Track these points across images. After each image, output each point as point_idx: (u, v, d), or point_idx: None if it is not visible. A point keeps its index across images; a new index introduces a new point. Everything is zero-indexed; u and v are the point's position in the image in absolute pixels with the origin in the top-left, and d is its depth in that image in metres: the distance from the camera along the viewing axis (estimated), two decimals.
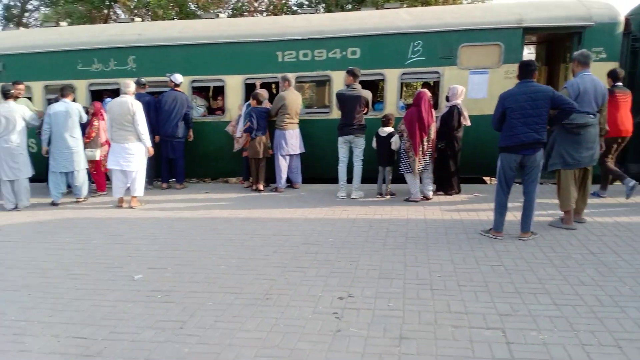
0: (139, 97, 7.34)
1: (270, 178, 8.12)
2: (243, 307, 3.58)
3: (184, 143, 8.25)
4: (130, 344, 3.09)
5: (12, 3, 24.42)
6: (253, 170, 7.96)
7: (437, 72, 7.93)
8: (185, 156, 8.35)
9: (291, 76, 7.88)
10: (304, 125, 8.03)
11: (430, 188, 6.91)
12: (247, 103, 8.03)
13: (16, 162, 7.00)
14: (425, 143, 6.62)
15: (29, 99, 8.52)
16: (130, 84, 7.01)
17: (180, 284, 4.07)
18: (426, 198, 6.86)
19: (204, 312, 3.52)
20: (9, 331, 3.35)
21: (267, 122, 7.79)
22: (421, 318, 3.32)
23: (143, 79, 8.20)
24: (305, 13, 9.29)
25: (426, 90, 6.82)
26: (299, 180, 8.13)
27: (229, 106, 8.56)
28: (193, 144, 8.45)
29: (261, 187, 7.92)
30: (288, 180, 8.07)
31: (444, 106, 7.38)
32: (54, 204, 7.32)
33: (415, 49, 7.87)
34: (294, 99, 7.74)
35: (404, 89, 11.25)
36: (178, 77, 8.08)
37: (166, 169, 8.35)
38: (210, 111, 9.31)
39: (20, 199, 7.12)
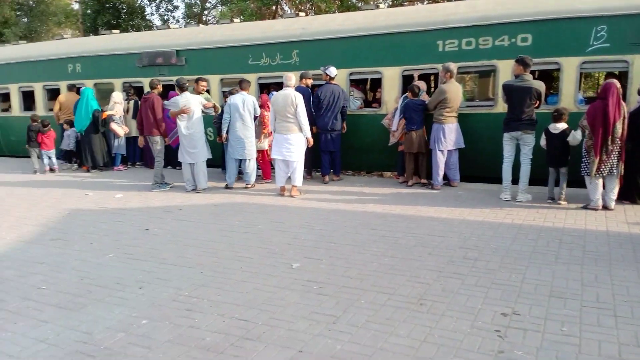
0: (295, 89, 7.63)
1: (427, 174, 7.86)
2: (395, 310, 3.47)
3: (340, 135, 8.40)
4: (286, 332, 3.20)
5: (192, 2, 27.67)
6: (408, 165, 7.79)
7: (625, 61, 6.87)
8: (342, 148, 8.48)
9: (453, 66, 7.46)
10: (464, 119, 7.60)
11: (612, 197, 5.97)
12: (404, 95, 7.86)
13: (195, 148, 7.79)
14: (609, 143, 5.74)
15: (207, 91, 9.49)
16: (292, 77, 7.33)
17: (334, 277, 4.12)
18: (606, 208, 5.98)
19: (356, 310, 3.50)
20: (183, 306, 3.67)
21: (423, 115, 7.53)
22: (602, 349, 2.87)
23: (310, 72, 8.42)
24: None
25: (615, 81, 5.89)
26: (457, 177, 7.73)
27: (386, 98, 8.48)
28: (349, 136, 8.56)
29: (423, 180, 7.77)
30: (445, 177, 7.71)
31: (635, 101, 6.34)
32: (227, 187, 8.06)
33: (598, 35, 6.92)
34: (455, 91, 7.35)
35: (583, 80, 9.97)
36: (332, 70, 8.13)
37: (326, 160, 8.52)
38: (367, 103, 9.34)
39: (199, 181, 7.92)
